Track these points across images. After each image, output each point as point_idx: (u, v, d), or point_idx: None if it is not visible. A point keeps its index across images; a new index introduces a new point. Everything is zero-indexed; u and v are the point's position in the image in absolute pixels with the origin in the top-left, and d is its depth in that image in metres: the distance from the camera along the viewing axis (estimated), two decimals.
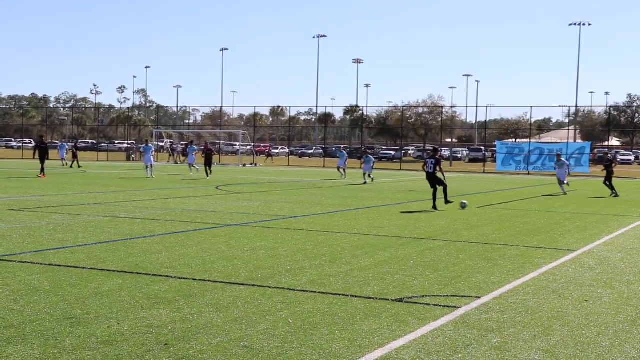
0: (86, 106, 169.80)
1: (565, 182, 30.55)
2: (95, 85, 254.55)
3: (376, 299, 8.86)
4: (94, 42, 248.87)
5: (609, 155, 34.26)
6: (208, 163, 39.07)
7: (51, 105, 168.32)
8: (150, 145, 38.77)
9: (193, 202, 22.17)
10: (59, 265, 10.58)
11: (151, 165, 37.18)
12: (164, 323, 7.46)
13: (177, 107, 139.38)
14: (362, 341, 6.99)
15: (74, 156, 49.35)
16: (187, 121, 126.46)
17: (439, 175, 22.08)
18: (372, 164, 37.23)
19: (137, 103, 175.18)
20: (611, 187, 29.79)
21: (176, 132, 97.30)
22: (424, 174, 22.63)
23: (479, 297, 9.07)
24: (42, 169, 35.30)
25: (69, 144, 59.36)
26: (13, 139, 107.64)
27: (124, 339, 6.84)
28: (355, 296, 8.98)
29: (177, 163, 61.88)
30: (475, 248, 13.44)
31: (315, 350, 6.64)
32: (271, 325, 7.47)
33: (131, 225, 15.77)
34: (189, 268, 10.62)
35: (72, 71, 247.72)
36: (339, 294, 9.07)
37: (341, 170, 41.50)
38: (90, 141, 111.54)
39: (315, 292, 9.17)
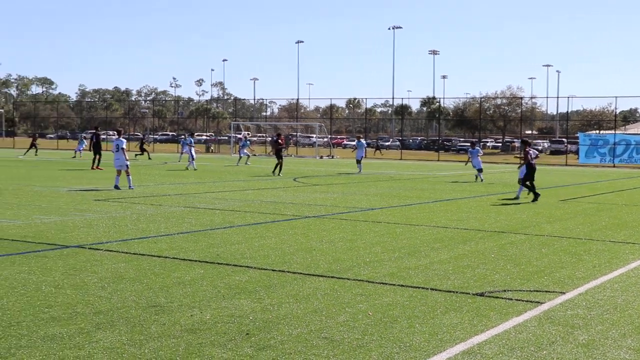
0: (166, 99, 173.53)
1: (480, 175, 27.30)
2: (174, 79, 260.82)
3: (456, 292, 8.74)
4: (174, 36, 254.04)
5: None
6: (278, 157, 33.40)
7: (133, 98, 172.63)
8: (190, 138, 38.36)
9: (271, 194, 22.37)
10: (143, 255, 10.83)
11: (192, 158, 36.96)
12: (245, 313, 7.54)
13: (254, 99, 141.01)
14: (442, 335, 6.90)
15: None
16: (264, 113, 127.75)
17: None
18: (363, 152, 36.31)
19: (215, 96, 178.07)
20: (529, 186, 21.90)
21: (253, 125, 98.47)
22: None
23: (564, 293, 8.84)
24: (94, 161, 35.18)
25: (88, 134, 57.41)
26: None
27: (206, 328, 6.95)
28: (435, 289, 8.88)
29: (254, 155, 62.35)
30: (558, 242, 13.12)
31: (396, 343, 6.60)
32: (351, 317, 7.46)
33: (211, 216, 16.02)
34: (269, 259, 10.72)
35: (153, 65, 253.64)
36: (419, 287, 8.99)
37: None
38: (170, 133, 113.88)
39: (394, 284, 9.12)
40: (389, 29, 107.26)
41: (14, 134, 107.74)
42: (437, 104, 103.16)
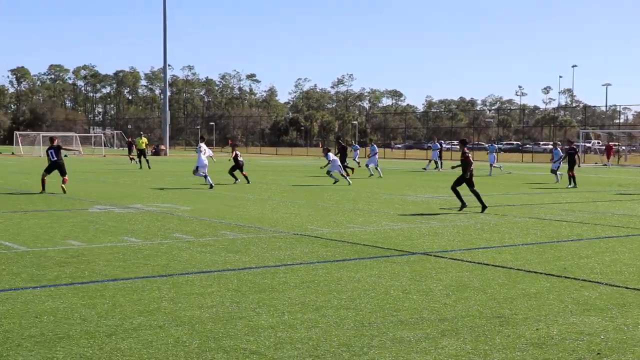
0: (511, 108, 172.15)
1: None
2: (520, 87, 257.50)
3: None
4: (520, 43, 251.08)
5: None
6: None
7: (477, 108, 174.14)
8: (374, 145, 37.48)
9: (623, 206, 20.93)
10: (487, 264, 10.80)
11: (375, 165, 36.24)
12: (595, 331, 7.12)
13: (606, 106, 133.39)
14: None
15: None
16: (617, 120, 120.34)
17: None
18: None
19: (563, 103, 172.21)
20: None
21: (604, 133, 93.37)
22: None
23: None
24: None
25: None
26: (443, 141, 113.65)
27: (553, 343, 6.69)
28: None
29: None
30: None
31: None
32: None
33: (558, 227, 15.45)
34: (622, 275, 10.01)
35: (498, 74, 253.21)
36: None
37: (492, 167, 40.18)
38: (515, 143, 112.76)
39: None
40: None
41: (365, 144, 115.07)
42: None
